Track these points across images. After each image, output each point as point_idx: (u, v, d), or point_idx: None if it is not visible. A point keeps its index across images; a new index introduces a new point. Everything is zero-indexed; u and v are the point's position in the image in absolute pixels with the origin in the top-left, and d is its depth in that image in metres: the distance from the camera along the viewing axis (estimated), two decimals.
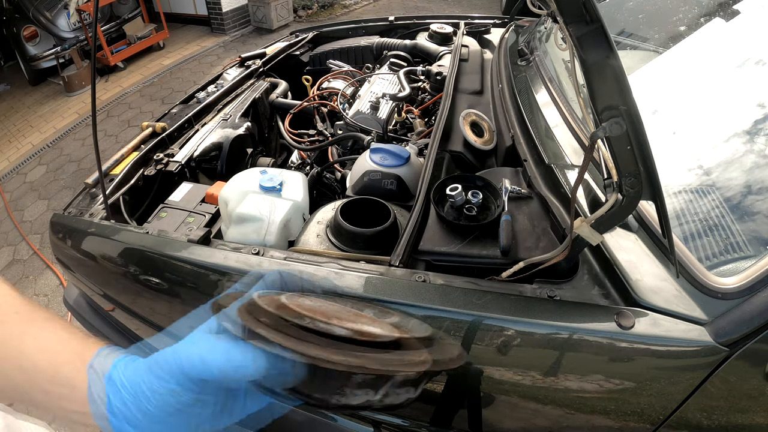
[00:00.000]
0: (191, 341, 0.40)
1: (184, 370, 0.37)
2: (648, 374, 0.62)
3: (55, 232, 1.03)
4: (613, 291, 0.67)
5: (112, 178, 1.12)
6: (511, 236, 0.78)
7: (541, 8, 1.24)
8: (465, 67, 1.46)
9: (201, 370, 0.36)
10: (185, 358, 0.37)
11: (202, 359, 0.37)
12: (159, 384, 0.37)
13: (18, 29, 4.44)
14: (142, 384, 0.37)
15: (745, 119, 0.82)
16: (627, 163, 0.52)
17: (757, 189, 0.72)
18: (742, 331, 0.58)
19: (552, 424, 0.72)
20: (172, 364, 0.37)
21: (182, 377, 0.37)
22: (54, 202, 3.05)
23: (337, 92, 1.54)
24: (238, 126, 1.37)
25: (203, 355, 0.37)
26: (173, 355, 0.38)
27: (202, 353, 0.37)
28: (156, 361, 0.39)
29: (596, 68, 0.47)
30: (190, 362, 0.37)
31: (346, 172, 1.27)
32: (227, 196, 1.00)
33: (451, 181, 0.89)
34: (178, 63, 4.88)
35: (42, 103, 4.41)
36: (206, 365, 0.36)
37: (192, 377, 0.37)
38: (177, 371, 0.37)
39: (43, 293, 2.37)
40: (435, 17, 1.95)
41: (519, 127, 1.07)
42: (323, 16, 6.01)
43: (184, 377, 0.37)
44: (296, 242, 0.90)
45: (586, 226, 0.61)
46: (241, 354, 0.36)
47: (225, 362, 0.36)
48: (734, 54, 0.97)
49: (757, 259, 0.63)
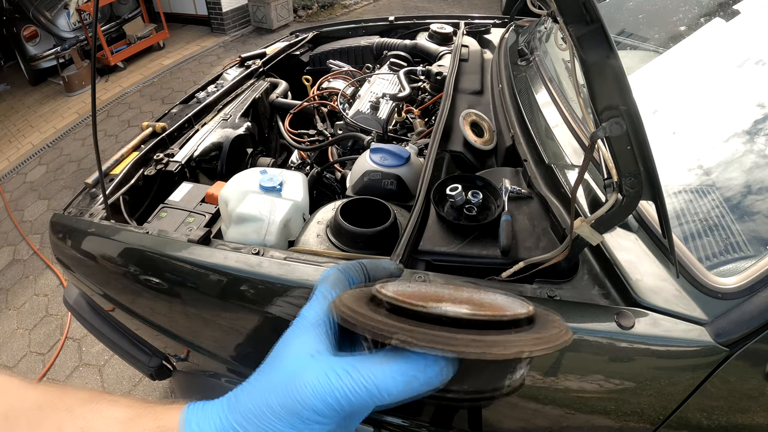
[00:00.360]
0: (332, 370, 0.29)
1: (347, 406, 0.28)
2: (648, 374, 0.62)
3: (55, 232, 1.03)
4: (613, 291, 0.67)
5: (112, 178, 1.12)
6: (511, 236, 0.78)
7: (541, 8, 1.24)
8: (465, 67, 1.46)
9: (376, 399, 0.28)
10: (349, 389, 0.28)
11: (378, 386, 0.28)
12: None
13: (18, 29, 4.44)
14: None
15: (745, 119, 0.82)
16: (627, 163, 0.52)
17: (757, 189, 0.72)
18: (742, 331, 0.58)
19: (552, 424, 0.72)
20: (325, 400, 0.28)
21: (337, 414, 0.28)
22: (54, 202, 3.05)
23: (337, 92, 1.54)
24: (238, 126, 1.37)
25: (377, 381, 0.28)
26: (321, 389, 0.28)
27: (373, 379, 0.28)
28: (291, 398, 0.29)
29: (596, 68, 0.47)
30: (356, 394, 0.28)
31: (346, 172, 1.27)
32: (227, 196, 1.00)
33: (451, 181, 0.89)
34: (178, 63, 4.88)
35: (42, 103, 4.41)
36: (387, 391, 0.28)
37: (345, 411, 0.28)
38: (333, 409, 0.28)
39: (43, 293, 2.37)
40: (435, 17, 1.95)
41: (519, 127, 1.07)
42: (323, 16, 6.01)
43: (339, 413, 0.28)
44: (296, 242, 0.90)
45: (586, 226, 0.61)
46: (418, 365, 0.28)
47: (411, 380, 0.28)
48: (734, 54, 0.97)
49: (757, 259, 0.63)
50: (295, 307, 0.74)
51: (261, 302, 0.78)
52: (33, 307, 2.30)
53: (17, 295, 2.38)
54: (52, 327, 2.18)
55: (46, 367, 1.98)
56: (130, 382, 1.88)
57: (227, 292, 0.80)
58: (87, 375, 1.93)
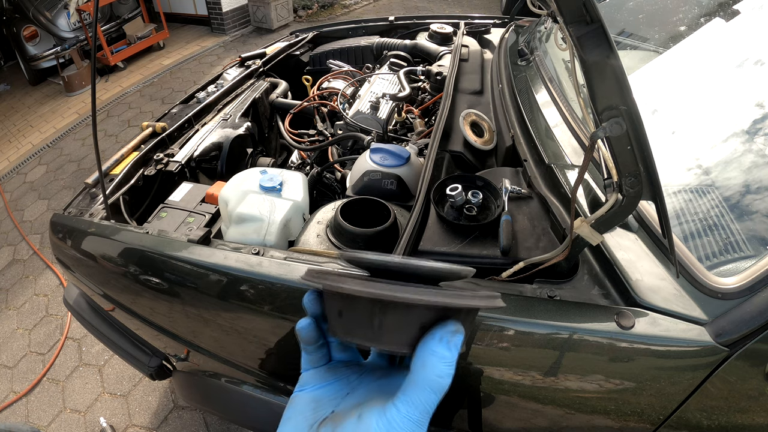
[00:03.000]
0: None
1: None
2: (648, 374, 0.62)
3: (55, 232, 1.03)
4: (613, 291, 0.67)
5: (112, 178, 1.12)
6: (511, 236, 0.78)
7: (541, 8, 1.23)
8: (465, 67, 1.46)
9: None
10: None
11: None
12: None
13: (18, 29, 4.44)
14: None
15: (745, 119, 0.82)
16: (627, 163, 0.52)
17: (757, 189, 0.72)
18: (742, 331, 0.58)
19: (552, 424, 0.72)
20: None
21: None
22: (54, 202, 3.05)
23: (337, 92, 1.54)
24: (238, 126, 1.37)
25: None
26: None
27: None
28: None
29: (596, 68, 0.47)
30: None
31: (346, 172, 1.27)
32: (227, 196, 1.00)
33: (451, 181, 0.89)
34: (178, 63, 4.88)
35: (42, 103, 4.41)
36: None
37: None
38: None
39: (43, 293, 2.37)
40: (435, 17, 1.95)
41: (519, 127, 1.07)
42: (323, 16, 6.01)
43: None
44: (296, 242, 0.90)
45: (586, 226, 0.61)
46: None
47: None
48: (734, 54, 0.97)
49: (757, 259, 0.63)
50: (295, 307, 0.74)
51: (261, 302, 0.78)
52: (33, 307, 2.30)
53: (17, 295, 2.38)
54: (52, 327, 2.18)
55: (46, 367, 1.98)
56: (130, 382, 1.88)
57: (227, 292, 0.80)
58: (87, 375, 1.93)
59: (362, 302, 0.33)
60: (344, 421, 0.33)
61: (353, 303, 0.34)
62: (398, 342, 0.33)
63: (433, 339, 0.31)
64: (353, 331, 0.35)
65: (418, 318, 0.32)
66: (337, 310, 0.36)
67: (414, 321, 0.32)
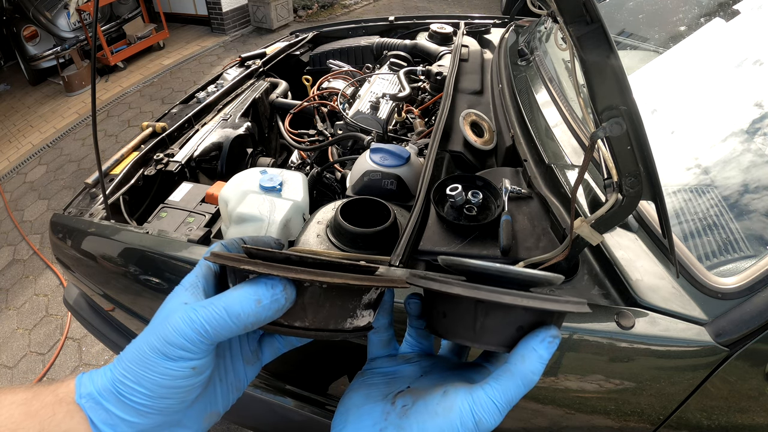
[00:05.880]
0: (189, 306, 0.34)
1: (211, 330, 0.32)
2: (648, 374, 0.62)
3: (55, 232, 1.03)
4: (613, 291, 0.67)
5: (112, 178, 1.12)
6: (511, 236, 0.78)
7: (541, 8, 1.23)
8: (465, 67, 1.46)
9: (233, 320, 0.32)
10: (207, 316, 0.32)
11: (229, 308, 0.32)
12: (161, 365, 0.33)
13: (18, 29, 4.44)
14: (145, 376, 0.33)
15: (745, 119, 0.82)
16: (627, 163, 0.52)
17: (756, 188, 0.72)
18: (742, 331, 0.58)
19: (552, 424, 0.72)
20: (180, 332, 0.32)
21: (200, 341, 0.32)
22: (54, 202, 3.05)
23: (337, 92, 1.54)
24: (238, 126, 1.37)
25: (230, 304, 0.32)
26: (182, 324, 0.32)
27: (225, 303, 0.33)
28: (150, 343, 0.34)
29: (596, 68, 0.47)
30: (213, 318, 0.32)
31: (346, 172, 1.26)
32: (227, 196, 1.00)
33: (451, 181, 0.89)
34: (178, 63, 4.88)
35: (42, 103, 4.41)
36: (240, 310, 0.32)
37: (202, 341, 0.32)
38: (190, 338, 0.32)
39: (43, 293, 2.37)
40: (435, 17, 1.95)
41: (519, 127, 1.07)
42: (323, 16, 6.01)
43: (200, 341, 0.32)
44: (296, 242, 0.90)
45: (586, 226, 0.61)
46: (261, 288, 0.33)
47: (257, 300, 0.32)
48: (734, 54, 0.97)
49: (757, 259, 0.63)
50: None
51: None
52: (33, 307, 2.30)
53: (17, 295, 2.38)
54: (52, 327, 2.18)
55: (46, 367, 1.98)
56: None
57: None
58: None
59: (466, 304, 0.36)
60: (427, 395, 0.35)
61: (458, 305, 0.37)
62: (496, 342, 0.36)
63: (536, 338, 0.34)
64: (455, 330, 0.38)
65: (516, 320, 0.35)
66: (441, 311, 0.39)
67: (512, 323, 0.35)
